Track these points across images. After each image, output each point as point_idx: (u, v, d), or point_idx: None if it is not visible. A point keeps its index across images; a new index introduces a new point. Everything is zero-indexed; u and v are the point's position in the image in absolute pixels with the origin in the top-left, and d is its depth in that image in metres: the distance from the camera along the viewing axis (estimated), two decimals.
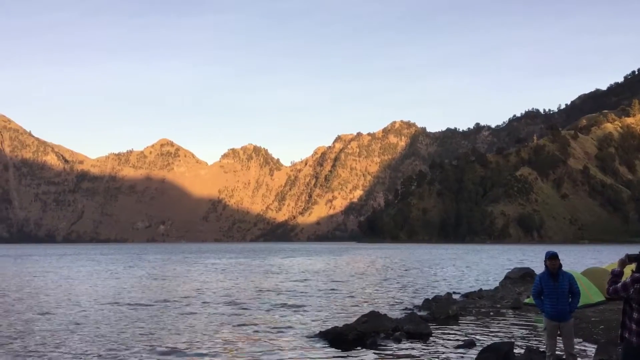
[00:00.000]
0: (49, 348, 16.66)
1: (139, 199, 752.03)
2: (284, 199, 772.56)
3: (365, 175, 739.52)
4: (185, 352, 15.76)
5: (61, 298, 30.48)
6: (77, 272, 57.02)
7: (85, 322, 21.54)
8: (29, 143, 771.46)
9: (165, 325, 20.55)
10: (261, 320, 21.67)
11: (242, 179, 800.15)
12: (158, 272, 55.83)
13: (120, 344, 17.12)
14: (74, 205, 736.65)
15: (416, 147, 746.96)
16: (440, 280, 42.02)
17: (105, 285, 38.82)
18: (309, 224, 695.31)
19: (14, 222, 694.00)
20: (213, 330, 19.29)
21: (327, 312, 23.80)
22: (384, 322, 18.13)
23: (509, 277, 34.18)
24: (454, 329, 19.13)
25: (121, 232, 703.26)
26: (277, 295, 30.88)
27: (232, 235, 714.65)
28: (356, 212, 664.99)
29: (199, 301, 28.19)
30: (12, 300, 29.47)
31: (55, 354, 15.84)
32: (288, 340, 17.39)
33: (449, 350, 15.65)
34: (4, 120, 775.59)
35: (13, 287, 38.42)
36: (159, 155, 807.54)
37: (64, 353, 15.88)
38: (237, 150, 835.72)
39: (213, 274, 51.89)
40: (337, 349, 16.12)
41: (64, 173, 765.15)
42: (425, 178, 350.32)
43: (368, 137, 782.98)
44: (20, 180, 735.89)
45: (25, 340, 17.93)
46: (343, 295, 30.94)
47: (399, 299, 28.94)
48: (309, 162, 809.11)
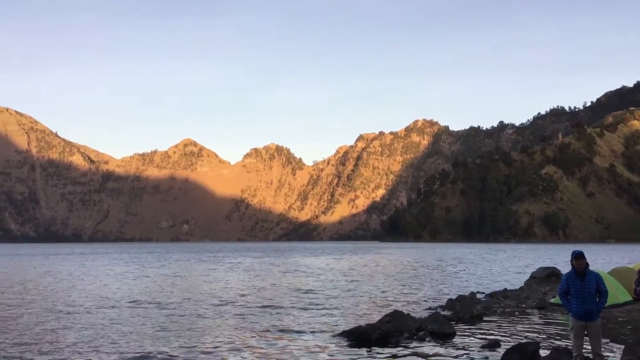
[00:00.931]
0: (80, 347, 16.93)
1: (163, 199, 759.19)
2: (306, 198, 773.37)
3: (387, 174, 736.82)
4: (209, 351, 15.86)
5: (92, 297, 30.93)
6: (106, 270, 57.81)
7: (113, 321, 21.85)
8: (56, 144, 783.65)
9: (189, 324, 20.74)
10: (284, 319, 21.75)
11: (265, 178, 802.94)
12: (184, 271, 56.36)
13: (145, 343, 17.32)
14: (99, 205, 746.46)
15: (439, 145, 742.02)
16: (464, 279, 41.72)
17: (133, 284, 39.28)
18: (331, 223, 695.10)
19: (41, 222, 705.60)
20: (236, 330, 19.40)
21: (350, 311, 23.79)
22: (408, 321, 18.07)
23: (534, 277, 33.79)
24: (478, 329, 18.98)
25: (146, 231, 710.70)
26: (300, 294, 30.95)
27: (255, 235, 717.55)
28: (378, 211, 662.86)
29: (223, 300, 28.38)
30: (38, 298, 30.00)
31: (80, 352, 16.09)
32: (311, 340, 17.43)
33: (473, 350, 15.54)
34: (31, 122, 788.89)
35: (41, 285, 39.10)
36: (182, 155, 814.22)
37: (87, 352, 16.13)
38: (259, 149, 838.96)
39: (237, 273, 52.20)
40: (360, 348, 16.11)
41: (90, 173, 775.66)
42: (448, 177, 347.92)
43: (390, 136, 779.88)
44: (47, 180, 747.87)
45: (57, 337, 18.25)
46: (366, 294, 30.90)
47: (422, 298, 28.81)
48: (331, 162, 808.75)
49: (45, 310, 25.17)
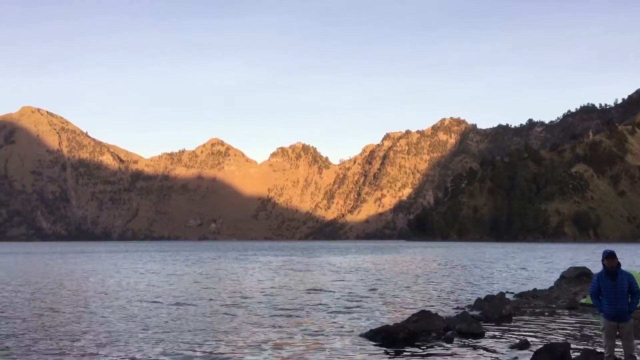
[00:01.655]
0: (103, 344, 17.21)
1: (191, 198, 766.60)
2: (332, 197, 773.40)
3: (414, 173, 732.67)
4: (235, 352, 15.95)
5: (125, 296, 31.41)
6: (139, 269, 58.65)
7: (141, 320, 22.16)
8: (86, 144, 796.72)
9: (215, 323, 20.92)
10: (311, 318, 21.80)
11: (291, 177, 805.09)
12: (212, 269, 56.87)
13: (171, 342, 17.53)
14: (129, 204, 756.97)
15: (466, 144, 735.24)
16: (493, 279, 41.31)
17: (163, 282, 39.77)
18: (357, 222, 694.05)
19: (71, 221, 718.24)
20: (263, 329, 19.50)
21: (378, 311, 23.75)
22: (435, 321, 17.98)
23: (565, 277, 33.32)
24: (507, 329, 18.80)
25: (174, 230, 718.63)
26: (327, 293, 30.99)
27: (281, 234, 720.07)
28: (405, 210, 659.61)
29: (251, 299, 28.57)
30: (73, 295, 30.57)
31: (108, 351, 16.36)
32: (338, 339, 17.43)
33: (502, 350, 15.41)
34: (62, 122, 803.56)
35: (77, 282, 39.84)
36: (209, 154, 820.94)
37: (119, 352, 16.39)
38: (286, 149, 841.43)
39: (264, 272, 52.48)
40: (387, 348, 16.07)
41: (119, 172, 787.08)
42: (476, 175, 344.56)
43: (417, 134, 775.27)
44: (78, 179, 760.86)
45: (85, 334, 18.59)
46: (393, 293, 30.82)
47: (450, 298, 28.62)
48: (358, 160, 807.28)
49: (78, 308, 25.65)
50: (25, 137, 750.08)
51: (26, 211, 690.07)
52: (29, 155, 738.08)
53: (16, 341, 17.46)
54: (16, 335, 18.53)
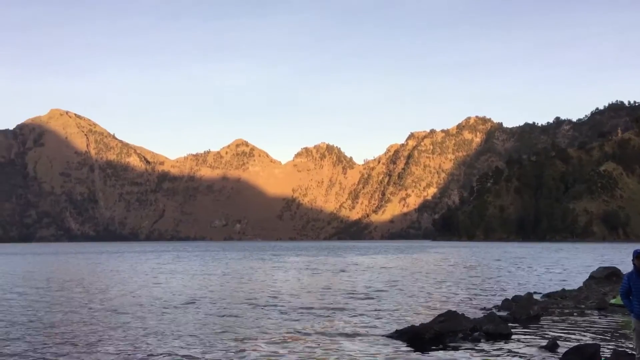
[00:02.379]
0: (125, 344, 17.48)
1: (216, 198, 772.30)
2: (357, 197, 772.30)
3: (439, 172, 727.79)
4: (260, 351, 16.05)
5: (147, 295, 31.84)
6: (171, 269, 59.37)
7: (164, 320, 22.45)
8: (113, 145, 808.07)
9: (240, 324, 21.09)
10: (336, 318, 21.85)
11: (316, 177, 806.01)
12: (239, 270, 57.26)
13: (195, 342, 17.73)
14: (155, 205, 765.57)
15: (492, 143, 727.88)
16: (520, 279, 40.89)
17: (189, 282, 40.19)
18: (382, 222, 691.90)
19: (100, 221, 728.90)
20: (288, 329, 19.59)
21: (404, 311, 23.71)
22: (462, 321, 17.90)
23: (594, 277, 32.87)
24: (535, 330, 18.64)
25: (200, 230, 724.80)
26: (353, 293, 31.01)
27: (306, 234, 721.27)
28: (430, 209, 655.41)
29: (276, 299, 28.72)
30: (101, 295, 31.09)
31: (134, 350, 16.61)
32: (364, 339, 17.46)
33: (530, 351, 15.28)
34: (90, 124, 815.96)
35: (105, 282, 40.49)
36: (234, 155, 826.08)
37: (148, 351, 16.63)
38: (310, 149, 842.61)
39: (290, 272, 52.67)
40: (414, 348, 16.05)
41: (146, 174, 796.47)
42: (502, 174, 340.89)
43: (442, 133, 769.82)
44: (105, 181, 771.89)
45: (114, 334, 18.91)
46: (419, 293, 30.72)
47: (477, 298, 28.43)
48: (382, 160, 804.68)
49: (108, 308, 26.09)
50: (54, 140, 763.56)
51: (55, 212, 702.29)
52: (57, 157, 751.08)
53: (45, 339, 17.85)
54: (46, 333, 18.93)
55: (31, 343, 17.43)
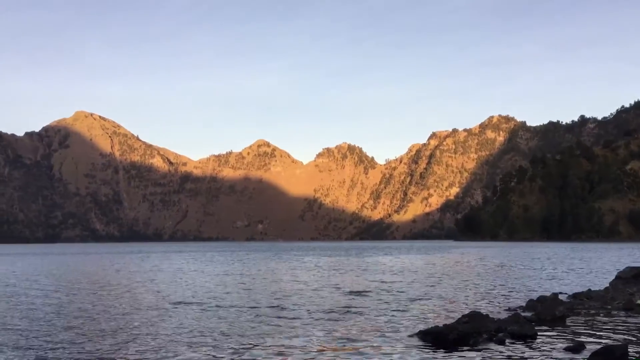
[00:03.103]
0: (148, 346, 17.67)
1: (238, 199, 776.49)
2: (379, 197, 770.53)
3: (461, 172, 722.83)
4: (282, 353, 16.12)
5: (182, 294, 32.15)
6: (197, 269, 59.88)
7: (186, 320, 22.64)
8: (137, 147, 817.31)
9: (263, 324, 21.18)
10: (360, 318, 21.84)
11: (337, 177, 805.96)
12: (261, 270, 57.50)
13: (218, 343, 17.85)
14: (178, 205, 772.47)
15: (515, 142, 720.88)
16: (545, 280, 40.42)
17: (212, 283, 40.48)
18: (404, 222, 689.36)
19: (124, 222, 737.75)
20: (311, 330, 19.61)
21: (427, 311, 23.60)
22: (486, 322, 17.77)
23: (620, 277, 32.36)
24: (561, 331, 18.41)
25: (222, 230, 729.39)
26: (375, 294, 30.95)
27: (328, 234, 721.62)
28: (453, 209, 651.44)
29: (299, 300, 28.78)
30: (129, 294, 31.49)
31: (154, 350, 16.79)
32: (387, 340, 17.41)
33: (556, 353, 15.12)
34: (114, 126, 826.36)
35: (126, 280, 40.99)
36: (256, 155, 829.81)
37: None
38: (331, 149, 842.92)
39: (312, 272, 52.73)
40: (437, 349, 15.97)
41: (169, 175, 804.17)
42: (525, 174, 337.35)
43: (464, 133, 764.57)
44: (130, 182, 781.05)
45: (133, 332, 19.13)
46: (442, 294, 30.55)
47: (501, 299, 28.18)
48: (404, 160, 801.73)
49: (142, 307, 26.39)
50: (79, 141, 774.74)
51: (80, 213, 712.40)
52: (82, 158, 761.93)
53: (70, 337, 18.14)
54: (74, 333, 19.24)
55: (53, 342, 17.73)
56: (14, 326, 20.90)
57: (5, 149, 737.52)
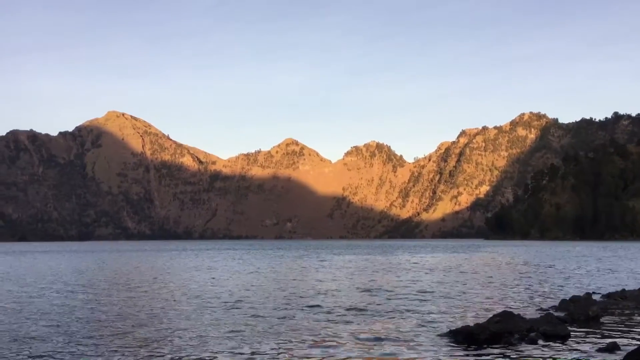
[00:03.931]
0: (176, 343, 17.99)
1: (267, 197, 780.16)
2: (407, 196, 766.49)
3: (491, 170, 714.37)
4: (313, 351, 16.21)
5: (219, 292, 32.59)
6: (233, 267, 60.54)
7: (220, 318, 22.96)
8: (167, 146, 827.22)
9: (292, 323, 21.35)
10: (390, 318, 21.88)
11: (366, 176, 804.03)
12: (291, 268, 57.83)
13: (248, 342, 18.08)
14: (208, 204, 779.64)
15: (547, 139, 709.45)
16: (578, 279, 39.86)
17: (243, 281, 40.91)
18: (433, 220, 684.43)
19: (155, 220, 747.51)
20: (341, 329, 19.69)
21: (457, 311, 23.53)
22: (518, 322, 17.67)
23: None
24: (594, 331, 18.22)
25: (251, 229, 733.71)
26: (406, 293, 30.93)
27: (356, 232, 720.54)
28: (483, 208, 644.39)
29: (329, 298, 28.92)
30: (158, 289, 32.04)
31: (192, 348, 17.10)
32: (417, 339, 17.43)
33: (589, 353, 14.99)
34: (145, 125, 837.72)
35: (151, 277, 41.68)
36: (284, 154, 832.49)
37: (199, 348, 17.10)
38: (360, 147, 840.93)
39: (342, 270, 52.84)
40: (468, 349, 15.95)
41: (199, 173, 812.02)
42: (558, 172, 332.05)
43: (494, 130, 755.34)
44: (160, 181, 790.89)
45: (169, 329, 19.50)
46: (473, 293, 30.38)
47: (533, 298, 27.93)
48: (433, 158, 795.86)
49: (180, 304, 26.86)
50: (111, 141, 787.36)
51: (113, 211, 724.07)
52: (114, 158, 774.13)
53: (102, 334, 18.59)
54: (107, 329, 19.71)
55: (72, 337, 18.20)
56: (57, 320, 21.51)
57: (40, 149, 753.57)
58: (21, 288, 36.09)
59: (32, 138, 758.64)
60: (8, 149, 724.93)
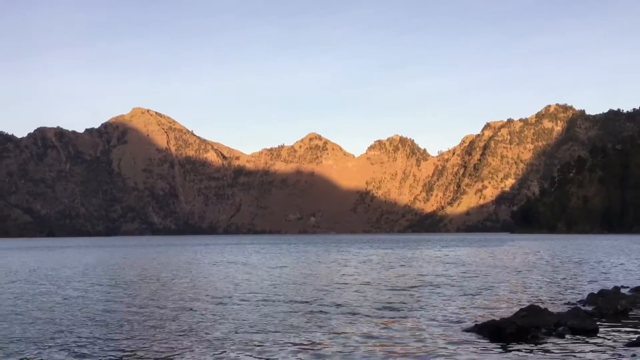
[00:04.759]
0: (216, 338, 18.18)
1: (291, 192, 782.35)
2: (431, 190, 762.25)
3: (517, 163, 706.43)
4: (337, 345, 16.23)
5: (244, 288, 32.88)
6: (252, 262, 61.02)
7: (245, 314, 23.14)
8: (192, 142, 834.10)
9: (315, 318, 21.43)
10: (415, 311, 21.84)
11: (389, 170, 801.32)
12: (316, 262, 57.99)
13: (272, 339, 18.19)
14: (232, 199, 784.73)
15: (574, 131, 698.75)
16: (606, 273, 39.29)
17: (268, 276, 41.17)
18: (458, 214, 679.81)
19: (180, 215, 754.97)
20: (365, 323, 19.71)
21: (483, 305, 23.38)
22: (545, 316, 17.52)
23: None
24: (623, 326, 17.98)
25: (275, 224, 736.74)
26: (430, 287, 30.82)
27: (380, 227, 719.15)
28: (508, 201, 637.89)
29: (353, 293, 28.95)
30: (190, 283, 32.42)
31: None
32: (442, 333, 17.37)
33: (618, 347, 14.79)
34: (170, 122, 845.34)
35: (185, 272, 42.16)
36: (308, 149, 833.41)
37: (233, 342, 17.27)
38: (383, 141, 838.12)
39: (367, 265, 52.82)
40: (494, 343, 15.85)
41: (223, 169, 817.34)
42: (585, 164, 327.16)
43: (520, 123, 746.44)
44: (185, 176, 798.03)
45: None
46: (499, 287, 30.16)
47: (561, 292, 27.62)
48: (457, 151, 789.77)
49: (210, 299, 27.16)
50: (136, 137, 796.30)
51: (139, 207, 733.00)
52: (140, 154, 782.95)
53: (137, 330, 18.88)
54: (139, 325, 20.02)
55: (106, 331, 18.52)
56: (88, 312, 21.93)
57: (67, 146, 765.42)
58: (60, 284, 36.80)
59: (59, 135, 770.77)
60: (36, 146, 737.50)
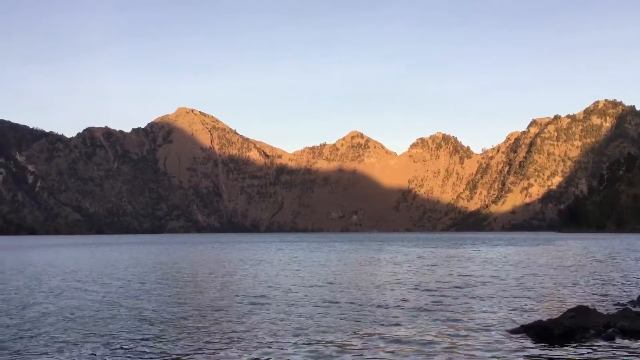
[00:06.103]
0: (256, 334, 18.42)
1: (333, 190, 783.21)
2: (475, 188, 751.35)
3: (564, 160, 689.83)
4: (379, 346, 16.19)
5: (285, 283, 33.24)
6: (299, 259, 61.48)
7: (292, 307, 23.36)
8: (235, 141, 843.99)
9: (359, 317, 21.47)
10: (460, 312, 21.66)
11: (432, 168, 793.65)
12: (361, 261, 58.03)
13: (314, 336, 18.32)
14: (274, 197, 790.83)
15: (624, 127, 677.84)
16: None
17: (313, 273, 41.44)
18: (502, 212, 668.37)
19: (223, 214, 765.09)
20: (408, 323, 19.64)
21: (530, 305, 23.04)
22: (594, 317, 17.16)
23: None
24: None
25: (317, 222, 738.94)
26: (475, 286, 30.50)
27: (423, 225, 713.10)
28: (555, 200, 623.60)
29: (396, 293, 28.88)
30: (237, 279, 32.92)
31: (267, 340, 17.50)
32: (487, 334, 17.20)
33: None
34: (213, 121, 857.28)
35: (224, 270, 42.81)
36: (349, 147, 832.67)
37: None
38: (425, 139, 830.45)
39: (409, 264, 52.56)
40: (541, 344, 15.63)
41: (265, 167, 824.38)
42: (635, 161, 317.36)
43: (567, 119, 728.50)
44: (228, 175, 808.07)
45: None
46: (546, 287, 29.63)
47: (609, 293, 26.96)
48: (501, 149, 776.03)
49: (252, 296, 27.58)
50: (181, 136, 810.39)
51: (184, 205, 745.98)
52: (184, 153, 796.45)
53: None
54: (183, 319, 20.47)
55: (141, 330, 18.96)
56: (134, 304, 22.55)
57: (114, 145, 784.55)
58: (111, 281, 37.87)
59: (107, 135, 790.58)
60: (85, 146, 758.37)
